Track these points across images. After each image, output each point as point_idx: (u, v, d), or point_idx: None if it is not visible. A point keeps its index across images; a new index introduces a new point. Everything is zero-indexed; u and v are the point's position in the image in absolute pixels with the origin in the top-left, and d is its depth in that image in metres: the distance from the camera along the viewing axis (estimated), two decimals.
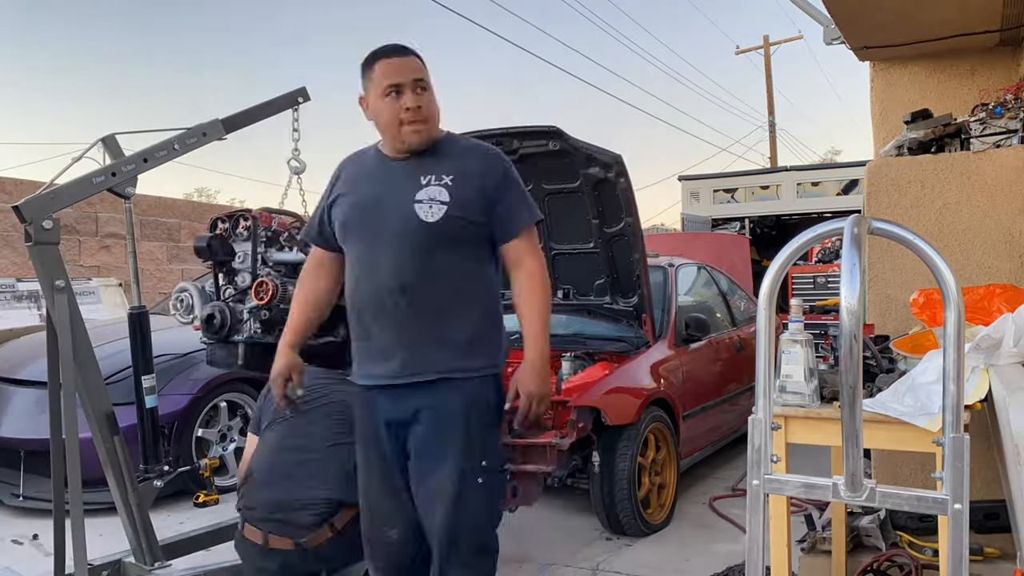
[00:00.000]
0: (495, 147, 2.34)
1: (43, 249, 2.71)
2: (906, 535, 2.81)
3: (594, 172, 4.09)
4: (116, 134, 2.96)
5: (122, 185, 2.90)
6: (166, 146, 3.03)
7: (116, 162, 2.90)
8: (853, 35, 4.08)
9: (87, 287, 7.89)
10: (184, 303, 3.40)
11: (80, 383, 2.80)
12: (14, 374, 4.66)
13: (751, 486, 1.74)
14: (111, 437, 2.86)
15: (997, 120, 3.49)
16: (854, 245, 1.56)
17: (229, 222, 3.32)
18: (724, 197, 10.69)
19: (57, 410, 2.82)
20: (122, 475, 2.89)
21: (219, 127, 3.20)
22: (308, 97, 3.50)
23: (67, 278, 2.76)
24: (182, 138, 3.07)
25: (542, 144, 4.07)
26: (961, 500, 1.55)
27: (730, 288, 6.01)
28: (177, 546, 3.16)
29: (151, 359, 3.10)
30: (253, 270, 3.25)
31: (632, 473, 3.85)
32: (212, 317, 3.22)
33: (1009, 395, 1.82)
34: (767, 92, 22.50)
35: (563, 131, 4.01)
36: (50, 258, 2.73)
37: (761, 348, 1.72)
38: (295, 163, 3.53)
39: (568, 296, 4.54)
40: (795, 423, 2.05)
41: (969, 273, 3.34)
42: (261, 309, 3.15)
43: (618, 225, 4.24)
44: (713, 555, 3.50)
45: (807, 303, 8.38)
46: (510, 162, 2.28)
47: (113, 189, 2.88)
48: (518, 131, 4.09)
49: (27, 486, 4.20)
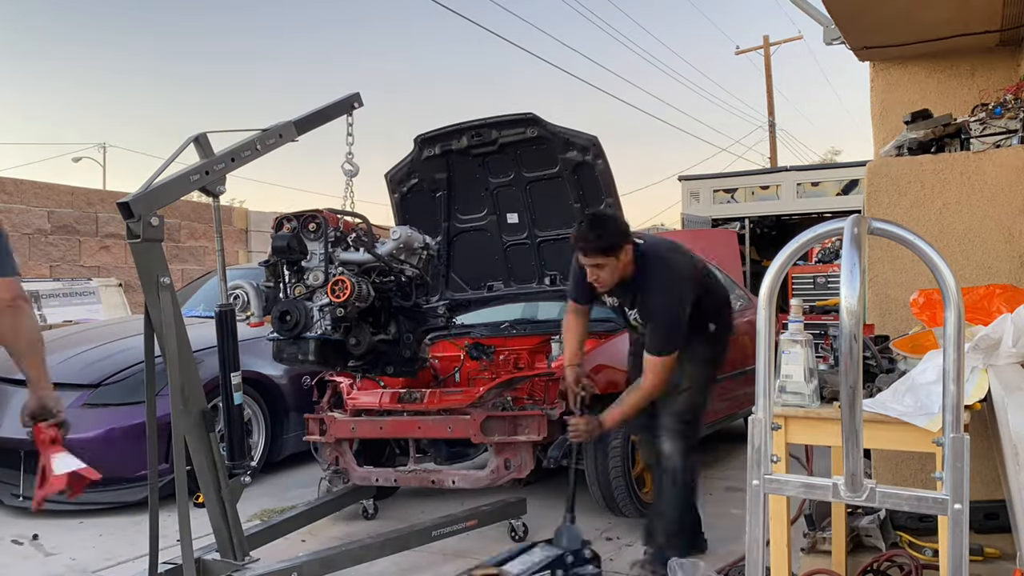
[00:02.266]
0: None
1: (149, 246, 2.72)
2: (906, 535, 2.81)
3: (572, 156, 4.12)
4: (208, 132, 3.00)
5: (214, 183, 2.95)
6: (249, 146, 3.11)
7: (208, 160, 2.94)
8: (853, 35, 4.08)
9: (87, 287, 7.89)
10: (240, 300, 3.47)
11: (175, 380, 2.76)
12: (14, 374, 4.64)
13: (751, 486, 1.74)
14: (206, 434, 2.85)
15: (997, 120, 3.49)
16: (854, 245, 1.56)
17: (297, 222, 3.43)
18: (724, 197, 10.69)
19: (153, 405, 2.83)
20: (215, 471, 2.88)
21: (292, 129, 3.30)
22: (362, 103, 3.68)
23: (170, 275, 2.77)
24: (262, 139, 3.16)
25: (520, 132, 4.13)
26: (961, 500, 1.56)
27: (724, 280, 6.04)
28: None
29: (238, 356, 3.07)
30: (325, 269, 3.37)
31: (625, 450, 3.92)
32: (287, 314, 3.32)
33: (1008, 395, 1.82)
34: (767, 92, 22.53)
35: (539, 117, 4.07)
36: (155, 255, 2.74)
37: (761, 348, 1.72)
38: (348, 166, 3.68)
39: (555, 282, 4.58)
40: (795, 423, 2.05)
41: (969, 273, 3.34)
42: (336, 307, 3.27)
43: (599, 207, 4.26)
44: (713, 554, 3.49)
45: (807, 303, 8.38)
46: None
47: (206, 187, 2.93)
48: (495, 121, 4.17)
49: (27, 486, 4.19)
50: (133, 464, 4.30)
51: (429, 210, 4.54)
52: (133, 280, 9.68)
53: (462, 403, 3.81)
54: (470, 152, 4.30)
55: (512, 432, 3.72)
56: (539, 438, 3.65)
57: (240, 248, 11.39)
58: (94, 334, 5.25)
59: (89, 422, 4.27)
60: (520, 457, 3.72)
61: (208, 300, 6.16)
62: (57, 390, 4.71)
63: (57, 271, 9.06)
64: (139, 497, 4.31)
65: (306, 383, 4.97)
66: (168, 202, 2.83)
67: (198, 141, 2.96)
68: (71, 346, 4.89)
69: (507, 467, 3.74)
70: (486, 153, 4.31)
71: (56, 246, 9.15)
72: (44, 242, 9.02)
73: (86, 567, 3.54)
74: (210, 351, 4.70)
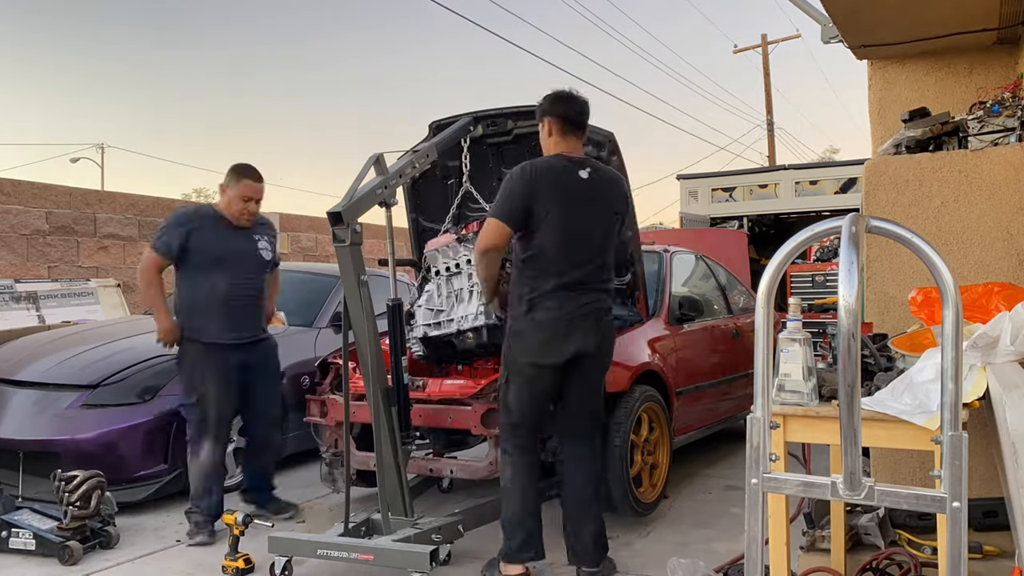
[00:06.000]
0: None
1: (355, 249, 3.19)
2: (905, 533, 2.81)
3: (587, 151, 4.11)
4: (384, 152, 3.53)
5: (389, 196, 3.43)
6: (410, 164, 3.63)
7: (385, 177, 3.43)
8: (851, 33, 4.08)
9: (85, 288, 7.87)
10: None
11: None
12: (13, 375, 4.65)
13: (750, 485, 1.74)
14: (388, 408, 3.35)
15: (995, 118, 3.49)
16: (852, 243, 1.56)
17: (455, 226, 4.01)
18: (722, 196, 10.69)
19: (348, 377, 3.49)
20: (393, 440, 3.37)
21: (434, 151, 3.79)
22: (475, 128, 4.18)
23: (367, 273, 3.27)
24: (416, 158, 3.67)
25: (535, 124, 4.11)
26: (960, 498, 1.56)
27: (728, 279, 6.08)
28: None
29: (405, 343, 3.68)
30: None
31: (625, 450, 3.92)
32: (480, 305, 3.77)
33: (1006, 393, 1.82)
34: (765, 91, 22.55)
35: None
36: (358, 257, 3.22)
37: (759, 346, 1.72)
38: (469, 185, 4.14)
39: None
40: (794, 422, 2.05)
41: (967, 271, 3.34)
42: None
43: None
44: (713, 553, 3.50)
45: (805, 301, 8.42)
46: None
47: (385, 200, 3.40)
48: (512, 111, 4.19)
49: (26, 487, 4.19)
50: (132, 464, 4.30)
51: (440, 196, 4.55)
52: (132, 280, 9.69)
53: (464, 394, 3.82)
54: (484, 141, 4.32)
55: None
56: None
57: None
58: (93, 335, 5.24)
59: (88, 423, 4.26)
60: None
61: None
62: (56, 391, 4.75)
63: (55, 272, 9.05)
64: (138, 498, 4.31)
65: (305, 383, 4.97)
66: (363, 212, 3.26)
67: (378, 161, 3.45)
68: (70, 347, 4.88)
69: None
70: (501, 143, 4.32)
71: (54, 247, 9.14)
72: (42, 243, 9.01)
73: (86, 567, 3.54)
74: None
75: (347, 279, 3.23)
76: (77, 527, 3.64)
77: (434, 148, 3.76)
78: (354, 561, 3.19)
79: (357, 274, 3.20)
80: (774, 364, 1.99)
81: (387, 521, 3.36)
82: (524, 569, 3.23)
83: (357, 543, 3.23)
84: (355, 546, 3.20)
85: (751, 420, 1.76)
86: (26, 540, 3.62)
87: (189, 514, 3.98)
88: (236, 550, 3.44)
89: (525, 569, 3.24)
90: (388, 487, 3.40)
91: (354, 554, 3.17)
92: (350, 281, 3.22)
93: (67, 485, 3.65)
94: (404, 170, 3.55)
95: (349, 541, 3.25)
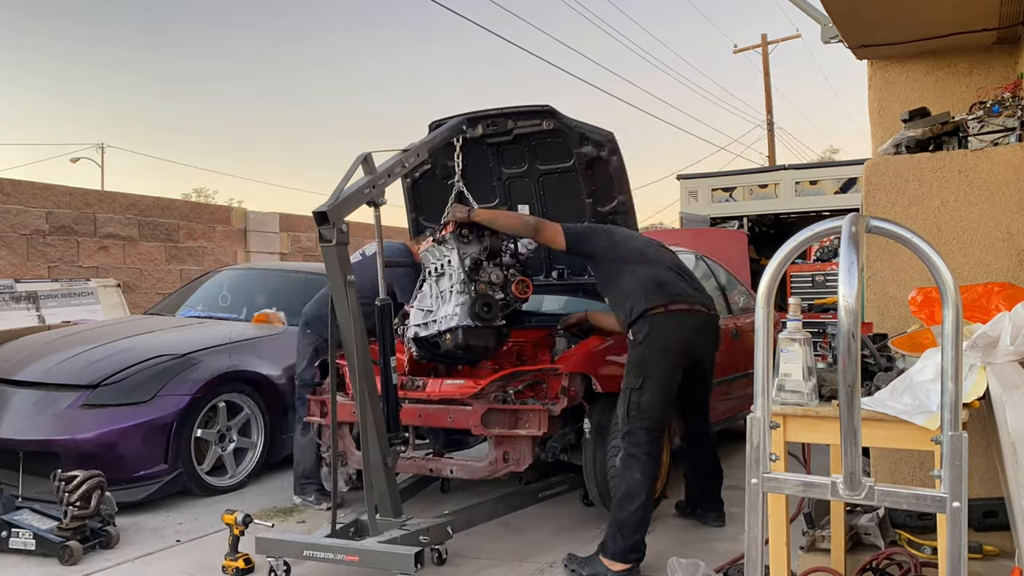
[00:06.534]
0: None
1: (340, 249, 3.15)
2: (905, 533, 2.81)
3: (587, 151, 4.13)
4: (373, 152, 3.44)
5: (377, 195, 3.36)
6: (399, 163, 3.54)
7: (373, 177, 3.35)
8: (851, 33, 4.08)
9: (85, 288, 7.86)
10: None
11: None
12: (13, 375, 4.65)
13: (750, 484, 1.74)
14: (377, 407, 3.32)
15: (995, 118, 3.49)
16: (852, 243, 1.56)
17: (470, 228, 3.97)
18: (722, 196, 10.68)
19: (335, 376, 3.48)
20: (380, 442, 3.34)
21: (424, 150, 3.73)
22: (467, 129, 4.11)
23: (352, 273, 3.24)
24: (406, 158, 3.59)
25: (536, 124, 4.14)
26: (959, 498, 1.56)
27: (728, 279, 6.08)
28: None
29: (395, 343, 3.60)
30: (504, 269, 3.91)
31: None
32: (487, 306, 3.77)
33: (1006, 393, 1.83)
34: (765, 91, 22.55)
35: (556, 110, 4.08)
36: (344, 257, 3.19)
37: (760, 346, 1.72)
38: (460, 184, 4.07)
39: (563, 276, 4.58)
40: (794, 422, 2.05)
41: (967, 271, 3.34)
42: (517, 301, 3.87)
43: (611, 204, 4.27)
44: (713, 553, 3.49)
45: (805, 301, 8.42)
46: None
47: (373, 199, 3.33)
48: (512, 111, 4.18)
49: (26, 487, 4.19)
50: (132, 464, 4.30)
51: (440, 197, 4.55)
52: (131, 281, 9.69)
53: (464, 394, 3.82)
54: (484, 141, 4.32)
55: (513, 426, 3.71)
56: (539, 433, 3.65)
57: (239, 248, 11.36)
58: (93, 335, 5.24)
59: (88, 423, 4.26)
60: (519, 451, 3.72)
61: (206, 300, 6.16)
62: (56, 391, 4.75)
63: (55, 271, 9.05)
64: (138, 498, 4.31)
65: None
66: (350, 212, 3.22)
67: (366, 160, 3.37)
68: (70, 347, 4.88)
69: (505, 460, 3.74)
70: (500, 143, 4.32)
71: (54, 247, 9.13)
72: (42, 243, 9.01)
73: (86, 567, 3.54)
74: (208, 351, 4.77)
75: (333, 279, 3.21)
76: (77, 527, 3.64)
77: (424, 148, 3.73)
78: (339, 562, 3.18)
79: (344, 274, 3.17)
80: (774, 364, 1.99)
81: (373, 522, 3.34)
82: (631, 566, 3.36)
83: (343, 544, 3.22)
84: (341, 547, 3.19)
85: (751, 420, 1.76)
86: (26, 540, 3.62)
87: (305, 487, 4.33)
88: (236, 550, 3.44)
89: (633, 566, 3.36)
90: (376, 488, 3.38)
91: (340, 555, 3.16)
92: (336, 281, 3.20)
93: (67, 485, 3.65)
94: (393, 170, 3.51)
95: (335, 542, 3.23)
